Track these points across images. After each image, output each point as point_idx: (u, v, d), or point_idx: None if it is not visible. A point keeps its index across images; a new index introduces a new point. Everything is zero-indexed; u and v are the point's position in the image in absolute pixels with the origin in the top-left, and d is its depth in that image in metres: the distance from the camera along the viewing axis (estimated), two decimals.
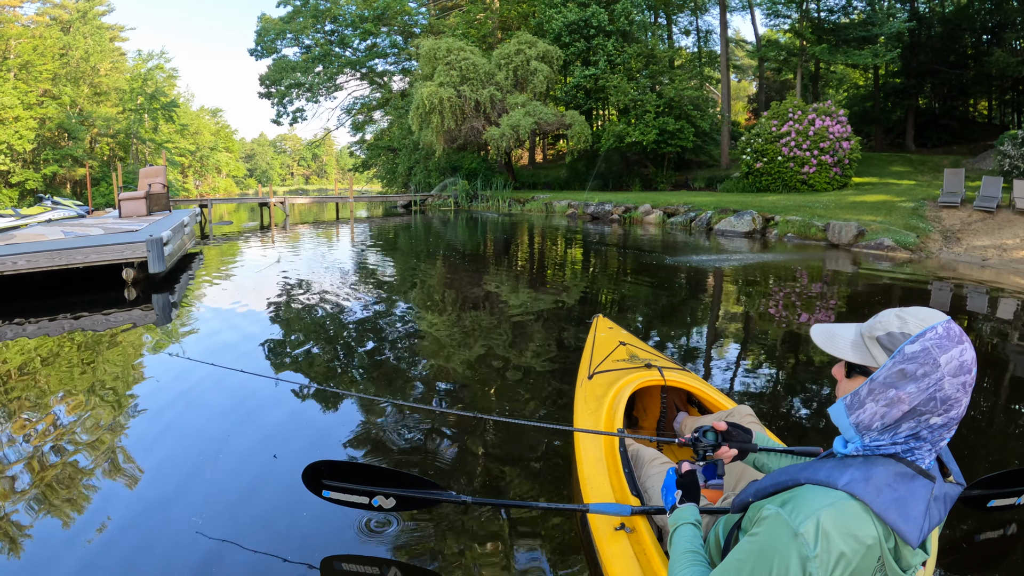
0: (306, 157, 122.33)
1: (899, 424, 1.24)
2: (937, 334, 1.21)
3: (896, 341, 1.25)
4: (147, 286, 9.77)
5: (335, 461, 2.67)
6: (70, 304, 8.56)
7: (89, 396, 4.88)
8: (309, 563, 2.70)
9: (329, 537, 2.88)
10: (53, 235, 11.69)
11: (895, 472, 1.24)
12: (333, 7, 43.86)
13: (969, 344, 1.22)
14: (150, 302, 8.77)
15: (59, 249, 9.37)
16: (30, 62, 39.97)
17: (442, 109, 28.14)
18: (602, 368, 3.52)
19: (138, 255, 9.63)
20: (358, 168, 50.07)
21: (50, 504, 3.25)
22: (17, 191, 36.56)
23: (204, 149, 68.13)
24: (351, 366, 5.72)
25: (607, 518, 2.28)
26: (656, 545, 2.10)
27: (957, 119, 30.52)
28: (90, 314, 7.92)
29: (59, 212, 19.76)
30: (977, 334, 6.76)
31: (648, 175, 30.07)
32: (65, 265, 9.30)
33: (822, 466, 1.31)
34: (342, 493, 2.67)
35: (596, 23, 29.53)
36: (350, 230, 21.75)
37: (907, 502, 1.21)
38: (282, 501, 3.20)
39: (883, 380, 1.24)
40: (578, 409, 3.30)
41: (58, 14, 45.11)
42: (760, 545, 1.24)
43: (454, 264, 12.73)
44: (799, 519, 1.20)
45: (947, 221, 14.26)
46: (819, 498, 1.23)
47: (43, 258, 9.21)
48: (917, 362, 1.21)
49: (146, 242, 9.66)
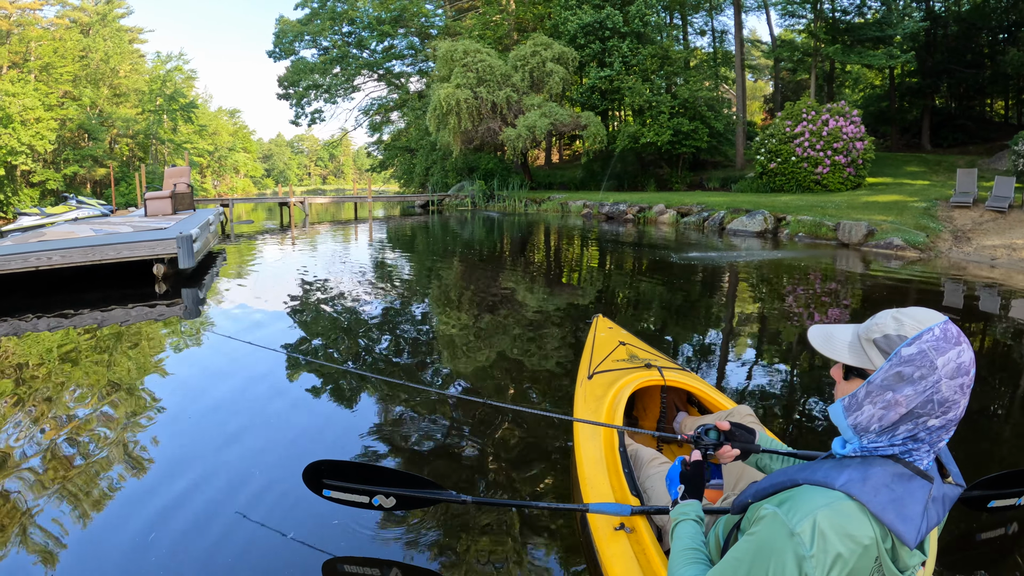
0: (323, 157, 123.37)
1: (896, 426, 1.25)
2: (934, 336, 1.21)
3: (892, 344, 1.25)
4: (176, 281, 10.21)
5: (336, 460, 2.69)
6: (106, 298, 9.02)
7: (117, 386, 5.21)
8: (309, 564, 2.71)
9: (329, 537, 2.88)
10: (83, 233, 12.17)
11: (893, 473, 1.24)
12: (350, 9, 44.34)
13: (967, 345, 1.22)
14: (179, 296, 9.21)
15: (93, 245, 9.80)
16: (51, 64, 40.54)
17: (459, 110, 28.51)
18: (602, 368, 3.52)
19: (169, 251, 10.05)
20: (375, 168, 50.49)
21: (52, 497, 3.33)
22: (38, 191, 37.17)
23: (222, 149, 68.81)
24: (365, 353, 5.98)
25: (607, 518, 2.29)
26: (656, 545, 2.12)
27: (973, 119, 30.38)
28: (129, 307, 8.39)
29: (84, 211, 20.28)
30: (980, 333, 6.79)
31: (663, 175, 30.26)
32: (99, 260, 9.72)
33: (820, 466, 1.32)
34: (343, 492, 2.69)
35: (611, 25, 29.77)
36: (369, 229, 22.21)
37: (905, 503, 1.22)
38: (282, 501, 3.21)
39: (880, 383, 1.25)
40: (578, 409, 3.31)
41: (78, 17, 45.61)
42: (757, 544, 1.25)
43: (469, 261, 13.10)
44: (796, 519, 1.21)
45: (958, 221, 14.38)
46: (816, 498, 1.24)
47: (77, 254, 9.63)
48: (913, 365, 1.21)
49: (176, 239, 10.08)
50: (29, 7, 42.34)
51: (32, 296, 9.32)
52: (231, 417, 4.39)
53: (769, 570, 1.21)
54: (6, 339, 6.77)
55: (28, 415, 4.51)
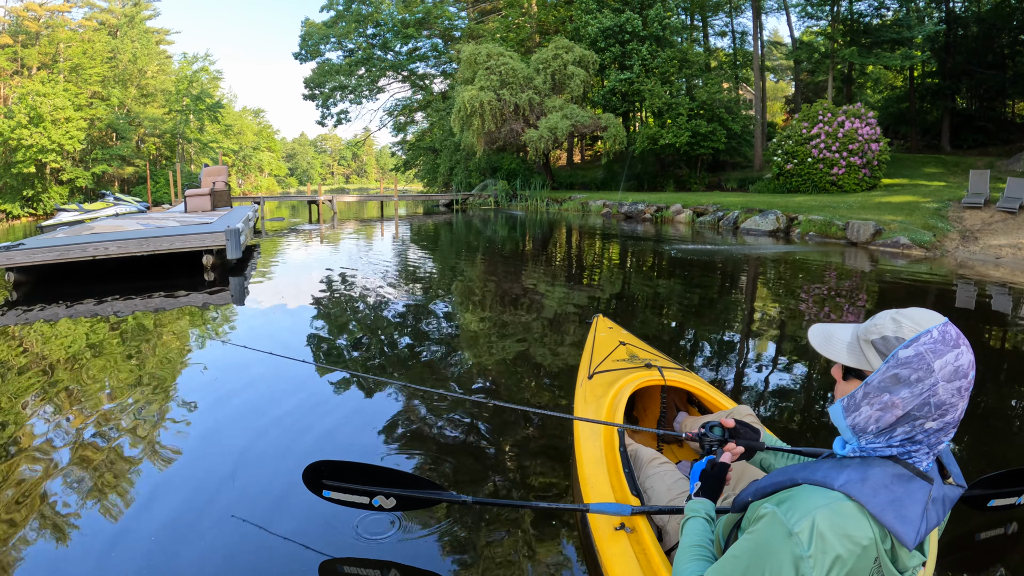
0: (346, 156, 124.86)
1: (894, 428, 1.24)
2: (932, 338, 1.21)
3: (890, 345, 1.25)
4: (222, 271, 11.08)
5: (335, 461, 2.68)
6: (163, 285, 9.88)
7: (139, 380, 5.69)
8: (309, 565, 2.72)
9: (329, 538, 2.88)
10: (131, 226, 13.06)
11: (892, 473, 1.24)
12: (375, 12, 45.24)
13: (966, 348, 1.22)
14: (227, 284, 10.07)
15: (147, 237, 10.67)
16: (80, 65, 41.63)
17: (483, 112, 29.23)
18: (602, 368, 3.51)
19: (218, 243, 10.91)
20: (399, 168, 51.27)
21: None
22: (67, 188, 38.17)
23: (247, 149, 69.41)
24: (389, 355, 6.09)
25: (607, 518, 2.29)
26: (656, 545, 2.10)
27: (994, 120, 30.26)
28: (185, 293, 9.22)
29: (121, 207, 21.13)
30: (979, 330, 6.83)
31: (682, 176, 30.74)
32: (152, 251, 10.60)
33: (820, 466, 1.32)
34: (342, 493, 2.68)
35: (630, 29, 30.30)
36: (395, 226, 23.02)
37: (904, 503, 1.21)
38: (282, 502, 3.22)
39: (877, 384, 1.25)
40: (578, 409, 3.30)
41: (105, 19, 46.56)
42: (755, 544, 1.26)
43: (490, 257, 13.78)
44: (794, 519, 1.21)
45: (968, 221, 14.67)
46: (815, 498, 1.24)
47: (132, 244, 10.51)
48: (911, 367, 1.21)
49: (225, 231, 10.96)
50: (58, 9, 43.63)
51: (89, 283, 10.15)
52: (232, 416, 4.41)
53: (766, 570, 1.21)
54: (92, 320, 7.59)
55: (64, 403, 4.77)
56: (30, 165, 35.17)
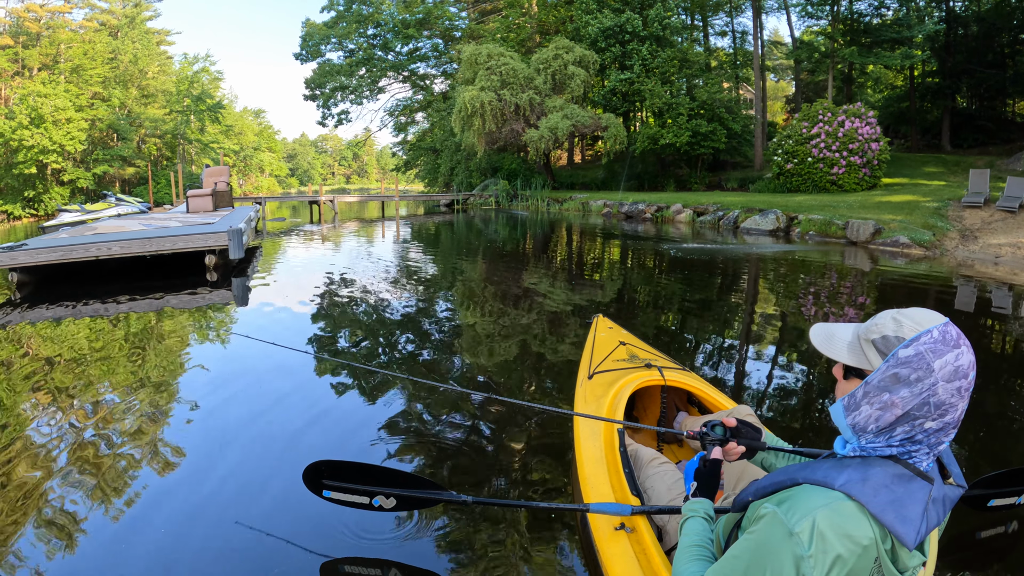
0: (347, 157, 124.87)
1: (893, 427, 1.24)
2: (932, 338, 1.21)
3: (890, 345, 1.25)
4: (225, 271, 11.12)
5: (335, 461, 2.68)
6: (166, 285, 9.93)
7: (143, 380, 5.73)
8: (309, 565, 2.72)
9: (329, 539, 2.88)
10: (134, 227, 13.10)
11: (893, 473, 1.24)
12: (376, 12, 45.27)
13: (967, 348, 1.22)
14: (230, 284, 10.11)
15: (150, 237, 10.70)
16: (81, 66, 41.59)
17: (483, 112, 29.27)
18: (602, 368, 3.51)
19: (220, 243, 10.94)
20: (400, 168, 51.28)
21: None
22: (68, 189, 38.12)
23: (248, 149, 69.15)
24: (390, 355, 6.12)
25: (607, 518, 2.29)
26: (656, 545, 2.11)
27: (994, 120, 30.28)
28: (188, 293, 9.24)
29: (123, 208, 21.12)
30: (977, 328, 6.87)
31: (682, 176, 30.77)
32: (156, 251, 10.63)
33: (820, 466, 1.32)
34: (342, 493, 2.68)
35: (631, 29, 30.32)
36: (396, 226, 23.06)
37: (904, 503, 1.21)
38: (281, 502, 3.22)
39: (877, 384, 1.25)
40: (578, 409, 3.30)
41: (106, 20, 46.54)
42: (756, 543, 1.26)
43: (490, 256, 13.81)
44: (795, 519, 1.21)
45: (968, 220, 14.69)
46: (815, 498, 1.23)
47: (136, 245, 10.53)
48: (910, 367, 1.21)
49: (227, 232, 10.99)
50: (59, 10, 43.66)
51: (91, 284, 10.19)
52: (232, 416, 4.40)
53: (767, 570, 1.21)
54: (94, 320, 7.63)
55: (62, 400, 4.84)
56: (31, 166, 35.19)
